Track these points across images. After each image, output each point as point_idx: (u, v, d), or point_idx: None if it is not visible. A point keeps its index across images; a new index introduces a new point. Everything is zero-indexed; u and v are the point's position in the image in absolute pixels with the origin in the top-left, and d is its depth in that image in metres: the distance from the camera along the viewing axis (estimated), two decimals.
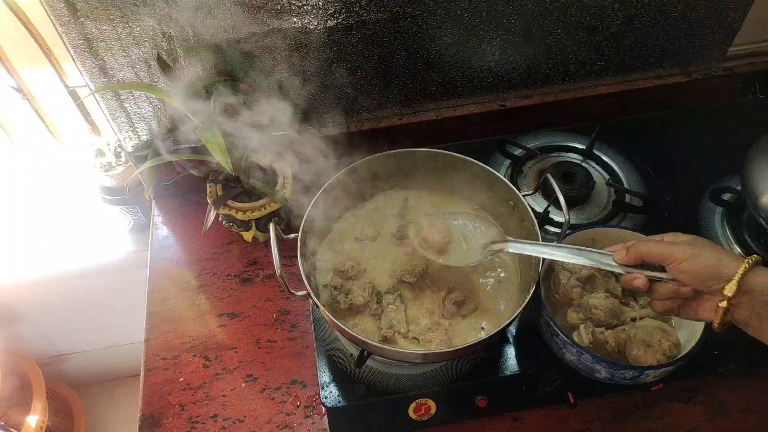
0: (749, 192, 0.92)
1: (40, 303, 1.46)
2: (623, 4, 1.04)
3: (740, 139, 0.98)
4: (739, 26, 1.13)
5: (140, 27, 0.91)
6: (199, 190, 1.11)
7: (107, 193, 1.24)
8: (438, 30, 1.01)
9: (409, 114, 1.15)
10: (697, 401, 0.91)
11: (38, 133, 1.26)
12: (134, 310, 1.11)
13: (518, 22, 1.03)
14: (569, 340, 0.78)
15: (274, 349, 0.98)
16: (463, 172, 0.93)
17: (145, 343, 0.99)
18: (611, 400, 0.91)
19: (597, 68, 1.15)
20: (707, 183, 1.09)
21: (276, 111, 1.07)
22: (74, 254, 1.34)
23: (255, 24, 0.94)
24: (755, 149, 0.95)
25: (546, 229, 1.03)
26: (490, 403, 0.88)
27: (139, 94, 1.01)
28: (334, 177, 0.89)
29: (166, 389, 0.94)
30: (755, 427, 0.89)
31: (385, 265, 0.90)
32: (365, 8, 0.96)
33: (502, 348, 0.90)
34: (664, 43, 1.13)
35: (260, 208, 1.01)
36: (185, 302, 1.04)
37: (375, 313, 0.84)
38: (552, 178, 0.86)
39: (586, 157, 1.15)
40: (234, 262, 1.09)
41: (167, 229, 1.15)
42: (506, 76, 1.13)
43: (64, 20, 0.87)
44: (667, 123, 1.23)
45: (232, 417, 0.91)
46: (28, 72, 1.15)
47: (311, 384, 0.94)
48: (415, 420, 0.87)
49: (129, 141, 1.09)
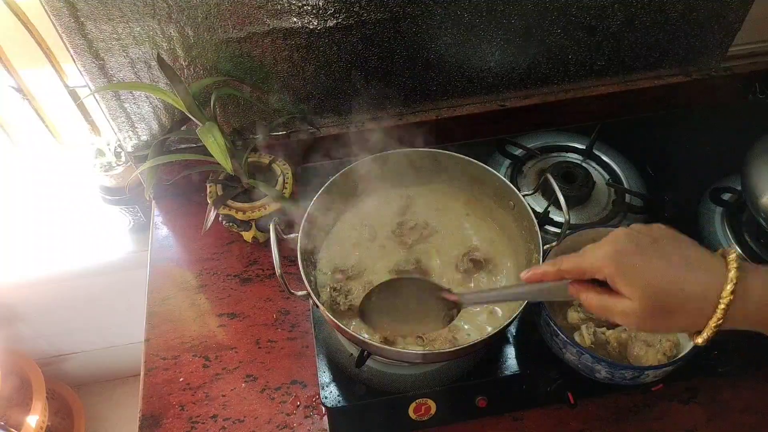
0: (749, 192, 0.92)
1: (40, 303, 1.46)
2: (623, 4, 1.04)
3: (740, 139, 0.98)
4: (739, 26, 1.13)
5: (140, 27, 0.91)
6: (199, 190, 1.12)
7: (107, 193, 1.24)
8: (438, 30, 1.01)
9: (409, 114, 1.15)
10: (697, 401, 0.91)
11: (38, 133, 1.26)
12: (134, 310, 1.11)
13: (518, 22, 1.03)
14: (569, 340, 0.79)
15: (274, 349, 0.98)
16: (463, 172, 0.93)
17: (145, 343, 0.99)
18: (611, 400, 0.91)
19: (597, 68, 1.15)
20: (707, 183, 1.09)
21: (276, 111, 1.07)
22: (74, 254, 1.34)
23: (255, 24, 0.94)
24: (755, 149, 0.94)
25: (546, 229, 1.03)
26: (490, 403, 0.88)
27: (139, 94, 1.01)
28: (334, 177, 0.89)
29: (166, 389, 0.94)
30: (755, 427, 0.89)
31: (385, 263, 0.90)
32: (365, 8, 0.96)
33: (502, 348, 0.90)
34: (664, 43, 1.13)
35: (260, 208, 1.01)
36: (185, 302, 1.04)
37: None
38: (552, 178, 0.86)
39: (586, 157, 1.15)
40: (234, 262, 1.09)
41: (167, 229, 1.15)
42: (506, 76, 1.13)
43: (64, 20, 0.87)
44: (667, 123, 1.23)
45: (232, 417, 0.91)
46: (28, 72, 1.15)
47: (311, 384, 0.94)
48: (415, 420, 0.87)
49: (129, 141, 1.09)
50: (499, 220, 0.93)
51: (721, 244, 1.01)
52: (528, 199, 0.87)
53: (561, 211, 0.90)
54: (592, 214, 1.06)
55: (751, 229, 1.02)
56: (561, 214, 0.93)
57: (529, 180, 1.11)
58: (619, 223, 1.04)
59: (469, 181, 0.94)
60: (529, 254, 0.86)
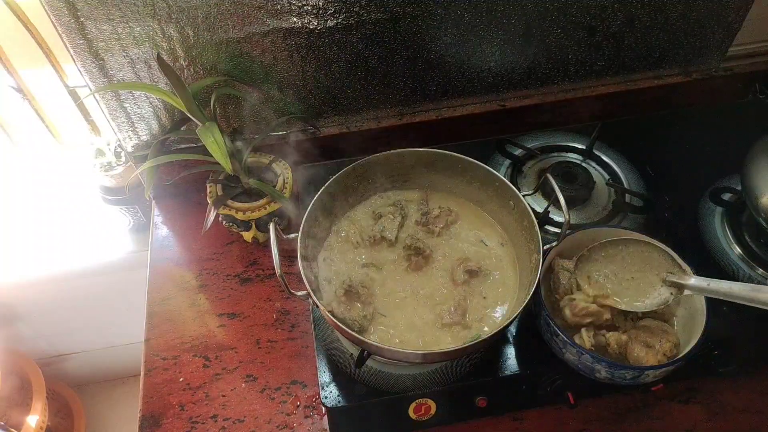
0: (749, 192, 0.92)
1: (40, 303, 1.46)
2: (623, 4, 1.04)
3: (740, 139, 0.98)
4: (739, 26, 1.13)
5: (140, 27, 0.91)
6: (199, 190, 1.12)
7: (107, 193, 1.24)
8: (438, 30, 1.01)
9: (409, 114, 1.15)
10: (697, 401, 0.91)
11: (38, 133, 1.27)
12: (134, 310, 1.11)
13: (518, 22, 1.03)
14: (569, 340, 0.78)
15: (274, 349, 0.98)
16: (463, 172, 0.93)
17: (145, 343, 0.99)
18: (611, 400, 0.91)
19: (597, 68, 1.15)
20: (707, 183, 1.09)
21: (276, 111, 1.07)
22: (74, 254, 1.34)
23: (255, 24, 0.94)
24: (755, 149, 0.94)
25: (546, 229, 1.03)
26: (490, 403, 0.88)
27: (139, 94, 1.01)
28: (334, 177, 0.89)
29: (166, 389, 0.94)
30: (755, 427, 0.89)
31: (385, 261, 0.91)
32: (365, 8, 0.96)
33: (502, 348, 0.90)
34: (664, 43, 1.13)
35: (260, 208, 1.01)
36: (185, 302, 1.04)
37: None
38: (552, 178, 0.86)
39: (586, 157, 1.15)
40: (234, 262, 1.09)
41: (167, 229, 1.15)
42: (506, 76, 1.13)
43: (64, 20, 0.87)
44: (667, 123, 1.23)
45: (232, 417, 0.91)
46: (28, 72, 1.16)
47: (311, 384, 0.94)
48: (415, 420, 0.87)
49: (129, 141, 1.09)
50: (499, 220, 0.93)
51: (721, 244, 1.01)
52: (528, 199, 0.87)
53: (561, 211, 0.90)
54: (592, 214, 1.06)
55: (751, 229, 1.02)
56: (561, 214, 0.93)
57: (529, 180, 1.11)
58: (619, 223, 1.04)
59: (469, 181, 0.94)
60: (529, 254, 0.86)
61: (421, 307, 0.86)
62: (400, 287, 0.88)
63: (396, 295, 0.87)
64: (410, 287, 0.88)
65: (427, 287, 0.88)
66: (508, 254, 0.91)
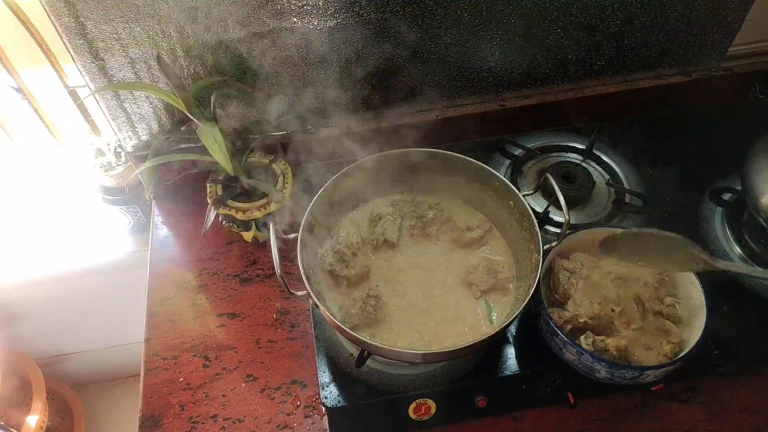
0: (749, 192, 0.92)
1: (40, 303, 1.46)
2: (623, 4, 1.04)
3: (740, 139, 0.98)
4: (739, 26, 1.13)
5: (140, 27, 0.91)
6: (199, 190, 1.12)
7: (107, 193, 1.24)
8: (438, 30, 1.01)
9: (410, 114, 1.15)
10: (697, 401, 0.91)
11: (38, 133, 1.26)
12: (134, 310, 1.11)
13: (518, 22, 1.03)
14: (569, 339, 0.78)
15: (274, 349, 0.98)
16: (463, 172, 0.93)
17: (145, 343, 0.99)
18: (611, 400, 0.91)
19: (597, 68, 1.15)
20: (707, 183, 1.09)
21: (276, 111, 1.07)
22: (74, 254, 1.34)
23: (255, 24, 0.94)
24: (755, 149, 0.94)
25: (546, 229, 1.03)
26: (490, 403, 0.88)
27: (139, 94, 1.01)
28: (334, 177, 0.89)
29: (166, 389, 0.94)
30: (755, 427, 0.89)
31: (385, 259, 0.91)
32: (365, 8, 0.96)
33: (502, 348, 0.90)
34: (664, 43, 1.13)
35: (260, 208, 1.01)
36: (185, 302, 1.04)
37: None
38: (552, 178, 0.86)
39: (586, 157, 1.15)
40: (234, 262, 1.09)
41: (167, 229, 1.15)
42: (506, 76, 1.13)
43: (64, 20, 0.87)
44: (667, 123, 1.23)
45: (232, 417, 0.91)
46: (28, 72, 1.15)
47: (311, 384, 0.94)
48: (415, 420, 0.87)
49: (129, 141, 1.09)
50: (499, 220, 0.93)
51: (721, 244, 1.01)
52: (528, 199, 0.87)
53: (561, 211, 0.90)
54: (592, 214, 1.06)
55: (751, 229, 1.02)
56: (561, 214, 0.93)
57: (529, 180, 1.11)
58: (619, 223, 1.04)
59: (469, 181, 0.94)
60: (529, 254, 0.86)
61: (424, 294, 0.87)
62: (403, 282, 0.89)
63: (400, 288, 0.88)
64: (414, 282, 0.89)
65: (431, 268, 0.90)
66: (507, 254, 0.91)
